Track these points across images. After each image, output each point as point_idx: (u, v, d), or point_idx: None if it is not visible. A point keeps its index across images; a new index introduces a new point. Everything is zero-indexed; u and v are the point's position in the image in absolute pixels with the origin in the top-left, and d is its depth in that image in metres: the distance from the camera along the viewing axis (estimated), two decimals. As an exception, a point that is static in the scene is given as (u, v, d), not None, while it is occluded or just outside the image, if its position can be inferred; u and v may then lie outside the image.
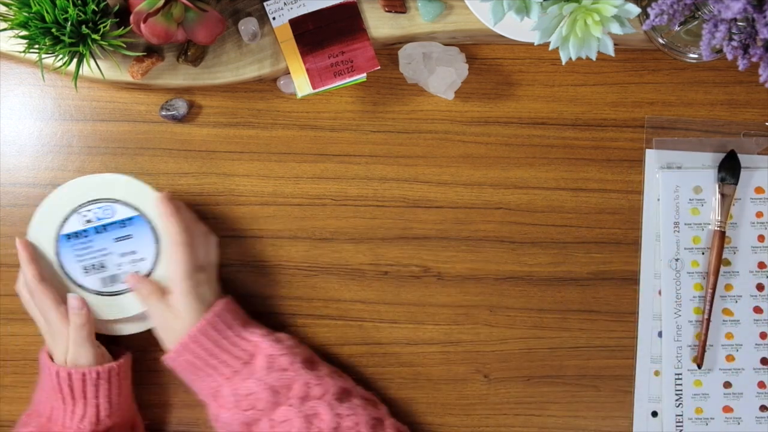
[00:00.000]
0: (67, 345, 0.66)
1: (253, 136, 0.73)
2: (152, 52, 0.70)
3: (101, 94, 0.72)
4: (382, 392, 0.73)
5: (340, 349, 0.73)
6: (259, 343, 0.66)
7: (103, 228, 0.67)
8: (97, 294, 0.68)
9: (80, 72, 0.66)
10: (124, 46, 0.63)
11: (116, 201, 0.67)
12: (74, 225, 0.67)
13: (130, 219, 0.67)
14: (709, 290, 0.73)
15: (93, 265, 0.68)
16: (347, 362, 0.73)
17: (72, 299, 0.66)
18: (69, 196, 0.67)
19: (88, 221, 0.67)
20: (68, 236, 0.67)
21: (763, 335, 0.74)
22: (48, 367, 0.66)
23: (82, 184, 0.67)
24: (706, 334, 0.73)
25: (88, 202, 0.67)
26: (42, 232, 0.67)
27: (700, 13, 0.64)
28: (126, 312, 0.68)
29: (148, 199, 0.67)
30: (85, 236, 0.67)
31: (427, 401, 0.74)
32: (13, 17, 0.62)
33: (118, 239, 0.67)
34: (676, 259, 0.74)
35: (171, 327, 0.66)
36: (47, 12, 0.61)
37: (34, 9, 0.61)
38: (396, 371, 0.74)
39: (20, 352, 0.72)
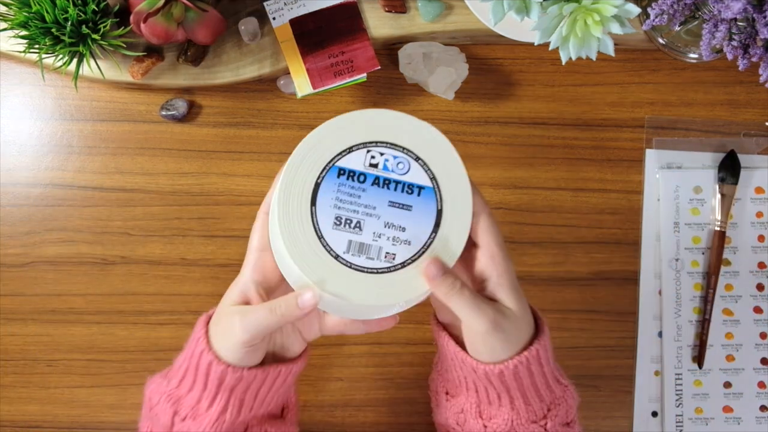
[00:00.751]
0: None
1: (253, 136, 0.73)
2: (152, 52, 0.70)
3: (101, 94, 0.72)
4: (382, 392, 0.73)
5: (339, 349, 0.73)
6: (569, 389, 0.56)
7: (386, 183, 0.52)
8: (334, 258, 0.51)
9: (80, 72, 0.66)
10: (124, 46, 0.63)
11: (417, 158, 0.52)
12: (356, 162, 0.52)
13: (421, 188, 0.52)
14: (709, 290, 0.73)
15: (349, 220, 0.52)
16: (347, 362, 0.73)
17: (307, 293, 0.51)
18: (366, 124, 0.53)
19: (373, 165, 0.52)
20: (342, 170, 0.52)
21: (763, 335, 0.74)
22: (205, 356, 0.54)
23: (385, 118, 0.53)
24: (706, 334, 0.73)
25: (384, 143, 0.53)
26: (314, 153, 0.52)
27: (700, 13, 0.64)
28: (365, 298, 0.52)
29: (452, 174, 0.53)
30: (361, 181, 0.52)
31: (427, 401, 0.74)
32: (13, 17, 0.62)
33: (394, 204, 0.52)
34: (676, 259, 0.74)
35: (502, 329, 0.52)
36: (47, 12, 0.61)
37: (34, 9, 0.61)
38: (396, 371, 0.74)
39: (20, 352, 0.72)
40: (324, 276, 0.51)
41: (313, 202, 0.51)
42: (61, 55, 0.63)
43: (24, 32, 0.62)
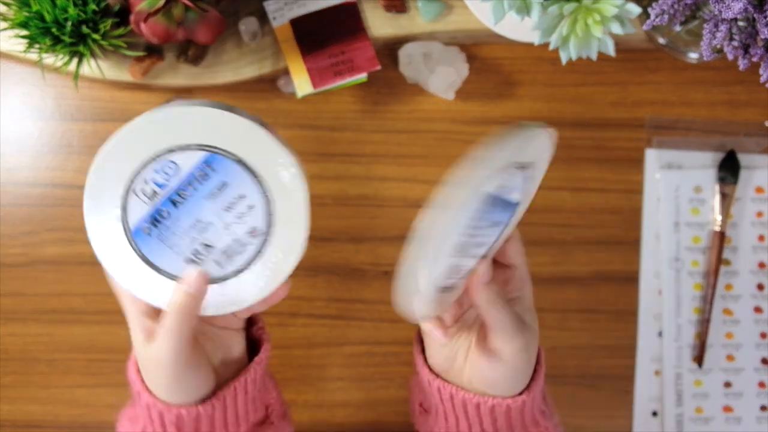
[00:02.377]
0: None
1: (254, 136, 0.73)
2: (152, 51, 0.70)
3: (101, 93, 0.72)
4: (382, 392, 0.73)
5: (340, 349, 0.73)
6: (548, 430, 0.55)
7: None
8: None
9: (80, 72, 0.66)
10: (125, 45, 0.63)
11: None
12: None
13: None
14: (709, 290, 0.73)
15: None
16: (347, 362, 0.73)
17: (190, 275, 0.49)
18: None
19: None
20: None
21: (763, 335, 0.74)
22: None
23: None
24: (706, 334, 0.73)
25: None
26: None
27: (700, 13, 0.64)
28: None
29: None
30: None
31: (428, 401, 0.74)
32: (13, 17, 0.62)
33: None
34: (676, 259, 0.74)
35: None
36: (47, 12, 0.61)
37: (34, 9, 0.61)
38: (396, 371, 0.74)
39: (20, 352, 0.72)
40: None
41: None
42: (61, 55, 0.63)
43: (24, 32, 0.62)
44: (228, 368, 0.54)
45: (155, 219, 0.48)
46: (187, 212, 0.48)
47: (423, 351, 0.56)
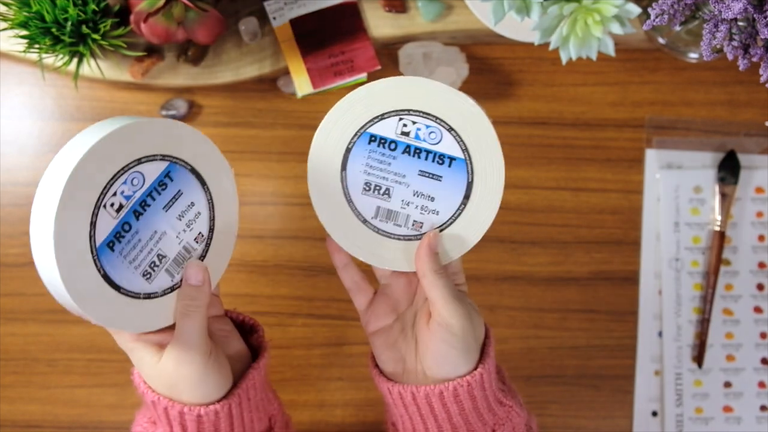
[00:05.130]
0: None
1: (254, 135, 0.73)
2: (152, 51, 0.70)
3: (101, 93, 0.72)
4: (383, 392, 0.73)
5: (340, 349, 0.73)
6: (513, 409, 0.55)
7: (417, 152, 0.50)
8: (362, 223, 0.51)
9: (80, 72, 0.66)
10: (125, 45, 0.63)
11: (450, 129, 0.50)
12: (387, 129, 0.50)
13: (453, 159, 0.51)
14: (709, 290, 0.73)
15: (378, 186, 0.51)
16: (347, 362, 0.73)
17: (189, 269, 0.49)
18: (399, 92, 0.50)
19: (405, 134, 0.50)
20: (373, 137, 0.50)
21: (763, 335, 0.74)
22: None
23: (420, 86, 0.50)
24: (706, 334, 0.73)
25: (417, 111, 0.50)
26: (346, 118, 0.51)
27: (700, 13, 0.64)
28: (393, 263, 0.52)
29: (486, 147, 0.51)
30: (392, 149, 0.50)
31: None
32: (13, 17, 0.62)
33: (424, 174, 0.51)
34: (676, 259, 0.74)
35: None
36: (47, 12, 0.61)
37: (34, 9, 0.61)
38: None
39: (20, 351, 0.72)
40: (354, 238, 0.51)
41: (344, 167, 0.51)
42: (61, 55, 0.63)
43: (24, 32, 0.62)
44: (234, 367, 0.54)
45: (119, 233, 0.46)
46: (146, 224, 0.47)
47: (377, 365, 0.56)
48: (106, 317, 0.46)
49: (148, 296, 0.48)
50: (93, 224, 0.44)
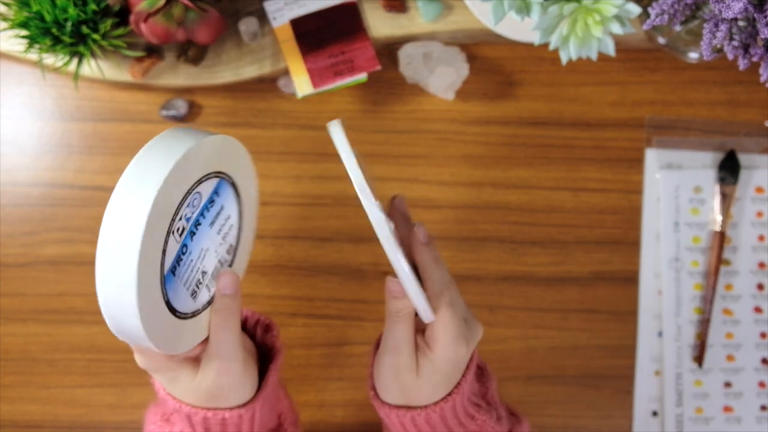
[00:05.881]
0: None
1: (254, 135, 0.73)
2: (152, 52, 0.70)
3: (101, 93, 0.72)
4: (383, 392, 0.73)
5: (340, 349, 0.73)
6: (486, 423, 0.55)
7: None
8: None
9: (80, 72, 0.66)
10: (125, 46, 0.63)
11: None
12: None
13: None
14: (709, 290, 0.73)
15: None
16: (347, 362, 0.73)
17: (223, 278, 0.47)
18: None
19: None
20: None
21: (763, 335, 0.74)
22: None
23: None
24: (706, 334, 0.73)
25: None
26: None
27: (700, 12, 0.64)
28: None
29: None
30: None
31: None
32: (13, 17, 0.62)
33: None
34: (676, 259, 0.74)
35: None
36: (47, 12, 0.61)
37: (34, 9, 0.61)
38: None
39: (20, 352, 0.72)
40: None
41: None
42: (61, 55, 0.63)
43: (24, 32, 0.62)
44: None
45: (179, 257, 0.44)
46: (197, 243, 0.46)
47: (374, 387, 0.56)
48: (168, 344, 0.44)
49: (194, 314, 0.47)
50: (164, 252, 0.42)
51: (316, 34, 0.69)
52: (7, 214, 0.72)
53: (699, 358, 0.73)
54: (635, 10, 0.57)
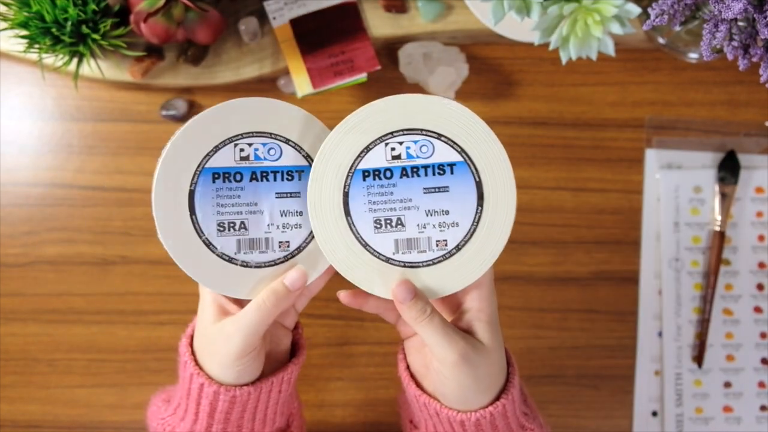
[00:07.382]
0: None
1: (254, 136, 0.73)
2: (152, 51, 0.70)
3: (101, 93, 0.72)
4: (382, 392, 0.73)
5: (340, 349, 0.73)
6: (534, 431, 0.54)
7: (414, 171, 0.49)
8: (385, 262, 0.49)
9: (80, 72, 0.66)
10: (125, 46, 0.63)
11: (438, 136, 0.49)
12: (377, 159, 0.48)
13: (452, 165, 0.49)
14: (709, 290, 0.73)
15: (389, 220, 0.49)
16: (347, 362, 0.73)
17: (293, 272, 0.50)
18: (375, 119, 0.49)
19: (396, 157, 0.49)
20: (366, 172, 0.49)
21: (763, 335, 0.74)
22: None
23: (392, 105, 0.49)
24: (706, 334, 0.73)
25: (400, 131, 0.49)
26: (332, 161, 0.49)
27: (700, 13, 0.64)
28: (438, 289, 0.50)
29: (481, 141, 0.50)
30: (388, 177, 0.49)
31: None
32: (13, 17, 0.62)
33: (429, 190, 0.49)
34: (676, 259, 0.74)
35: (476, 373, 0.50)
36: (47, 12, 0.61)
37: (34, 9, 0.61)
38: (396, 371, 0.74)
39: (20, 352, 0.72)
40: (383, 280, 0.49)
41: (347, 213, 0.49)
42: (61, 55, 0.63)
43: (24, 32, 0.62)
44: (270, 364, 0.54)
45: (228, 174, 0.50)
46: (254, 191, 0.50)
47: (406, 360, 0.56)
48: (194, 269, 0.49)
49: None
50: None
51: (316, 34, 0.69)
52: (7, 214, 0.72)
53: (699, 358, 0.73)
54: (635, 10, 0.57)
